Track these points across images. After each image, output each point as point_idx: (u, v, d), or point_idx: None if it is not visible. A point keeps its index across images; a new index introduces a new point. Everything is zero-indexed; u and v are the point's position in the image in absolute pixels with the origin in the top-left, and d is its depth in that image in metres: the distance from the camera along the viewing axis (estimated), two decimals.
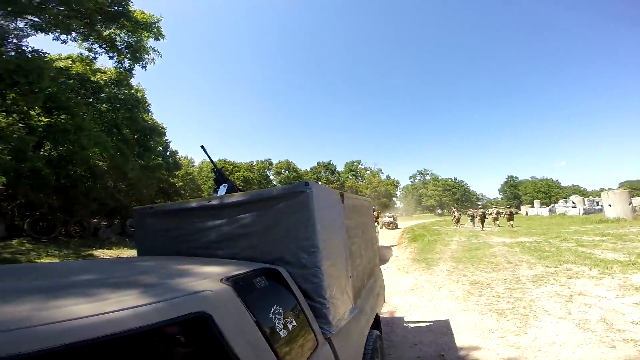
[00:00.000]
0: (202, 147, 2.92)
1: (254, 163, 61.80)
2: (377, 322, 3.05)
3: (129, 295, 1.02)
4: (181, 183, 28.98)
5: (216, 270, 1.49)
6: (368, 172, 71.33)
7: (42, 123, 7.56)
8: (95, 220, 19.57)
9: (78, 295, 0.96)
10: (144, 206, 2.60)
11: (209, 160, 2.89)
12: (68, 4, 7.00)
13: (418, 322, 4.69)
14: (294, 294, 1.71)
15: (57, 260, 9.49)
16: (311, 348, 1.61)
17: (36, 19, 7.05)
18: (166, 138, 24.20)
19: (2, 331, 0.72)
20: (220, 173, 2.71)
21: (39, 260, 9.34)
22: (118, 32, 8.94)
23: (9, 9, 6.11)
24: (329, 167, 65.96)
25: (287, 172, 62.85)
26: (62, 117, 7.22)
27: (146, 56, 9.69)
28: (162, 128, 23.22)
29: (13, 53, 5.61)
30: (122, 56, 9.39)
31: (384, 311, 5.13)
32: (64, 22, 6.98)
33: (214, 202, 2.15)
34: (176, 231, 2.30)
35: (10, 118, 7.44)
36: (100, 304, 0.91)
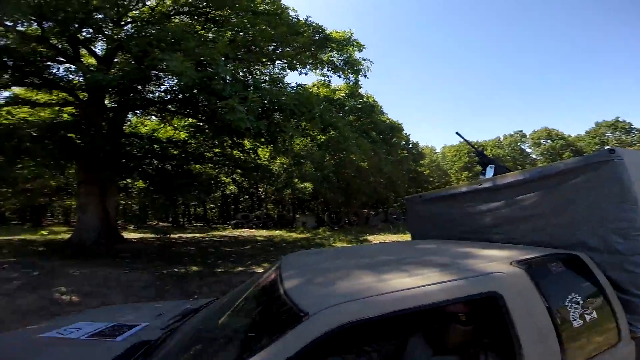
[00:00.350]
0: (457, 133, 2.93)
1: (501, 138, 53.55)
2: None
3: (432, 272, 1.21)
4: (428, 170, 30.13)
5: (502, 253, 1.45)
6: None
7: (322, 140, 10.21)
8: (365, 210, 24.20)
9: (395, 271, 1.25)
10: (413, 195, 2.87)
11: (465, 143, 2.83)
12: (296, 45, 9.32)
13: None
14: (599, 284, 1.47)
15: (346, 245, 12.41)
16: (608, 344, 1.41)
17: (284, 62, 9.77)
18: (405, 132, 26.26)
19: (353, 300, 1.02)
20: (483, 155, 2.58)
21: (335, 245, 12.56)
22: (331, 54, 10.89)
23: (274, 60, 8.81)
24: (617, 126, 45.24)
25: (548, 141, 49.45)
26: (332, 132, 9.39)
27: (361, 67, 11.09)
28: (399, 124, 25.53)
29: (289, 91, 7.76)
30: (346, 73, 11.20)
31: None
32: (300, 59, 9.21)
33: (486, 184, 2.06)
34: (445, 216, 2.38)
35: (305, 140, 10.58)
36: (414, 279, 1.14)
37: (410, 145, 27.42)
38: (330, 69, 10.99)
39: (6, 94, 10.20)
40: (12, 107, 10.31)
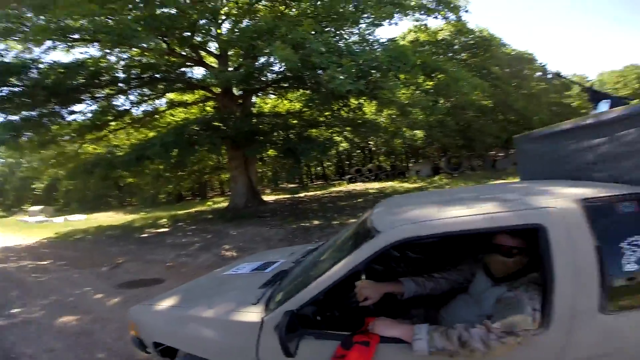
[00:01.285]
0: (557, 74, 2.59)
1: None
2: None
3: (489, 205, 1.41)
4: (579, 101, 24.27)
5: (580, 191, 1.45)
6: None
7: (429, 85, 9.63)
8: (492, 153, 21.68)
9: (458, 205, 1.50)
10: (522, 134, 2.71)
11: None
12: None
13: None
14: None
15: None
16: None
17: (369, 19, 9.23)
18: (540, 63, 22.02)
19: (412, 223, 1.38)
20: (593, 91, 2.31)
21: None
22: None
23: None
24: None
25: None
26: (439, 76, 8.75)
27: (459, 3, 9.95)
28: (529, 54, 21.87)
29: (380, 50, 7.53)
30: (442, 12, 10.01)
31: None
32: (385, 11, 8.50)
33: (589, 120, 1.92)
34: (550, 154, 2.27)
35: (411, 89, 10.18)
36: (470, 210, 1.38)
37: (549, 76, 22.65)
38: (422, 12, 10.09)
39: (163, 100, 13.66)
40: (172, 110, 13.69)
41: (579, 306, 1.25)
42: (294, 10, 9.97)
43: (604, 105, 2.19)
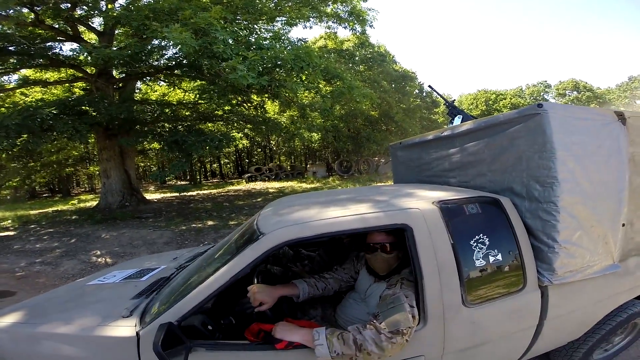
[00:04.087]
0: (429, 86, 3.08)
1: (524, 88, 50.65)
2: None
3: (364, 206, 1.52)
4: (442, 118, 29.59)
5: (437, 194, 1.68)
6: None
7: (327, 91, 10.23)
8: (376, 158, 24.44)
9: (339, 206, 1.57)
10: (395, 142, 3.07)
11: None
12: (294, 1, 8.99)
13: None
14: (511, 227, 1.56)
15: None
16: (513, 289, 1.49)
17: (284, 19, 9.56)
18: (419, 81, 25.86)
19: (294, 224, 1.40)
20: (452, 105, 2.78)
21: None
22: (335, 6, 10.53)
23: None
24: None
25: (574, 92, 46.41)
26: (338, 83, 9.35)
27: (367, 17, 10.81)
28: (412, 73, 25.12)
29: (289, 47, 7.74)
30: (351, 23, 10.93)
31: None
32: (302, 14, 8.97)
33: (446, 132, 2.25)
34: (418, 161, 2.63)
35: (311, 93, 10.60)
36: (348, 211, 1.47)
37: (424, 94, 26.90)
38: (335, 21, 10.72)
39: (15, 77, 10.74)
40: (25, 89, 10.81)
41: (446, 301, 1.35)
42: None
43: (457, 120, 2.63)
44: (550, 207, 1.54)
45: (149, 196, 14.07)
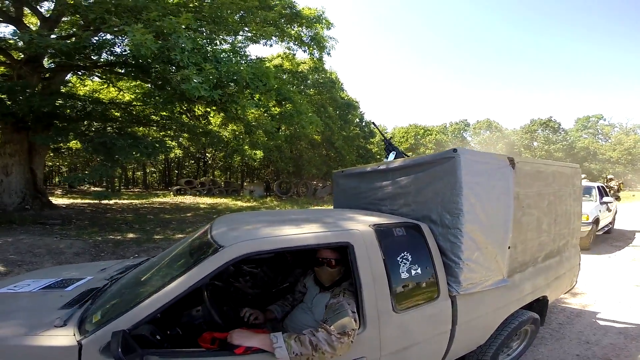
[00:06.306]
0: (372, 122, 3.50)
1: (448, 125, 57.83)
2: (542, 305, 2.71)
3: (313, 226, 1.73)
4: (376, 149, 31.77)
5: (372, 219, 1.99)
6: (616, 129, 51.03)
7: (277, 112, 10.43)
8: (314, 182, 25.07)
9: (290, 225, 1.76)
10: (338, 170, 3.35)
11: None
12: (263, 18, 9.42)
13: (613, 321, 3.53)
14: (427, 248, 1.89)
15: None
16: (430, 298, 1.81)
17: (249, 34, 9.78)
18: (360, 110, 27.31)
19: (254, 239, 1.54)
20: (389, 142, 3.18)
21: None
22: (300, 29, 11.01)
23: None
24: (549, 125, 51.26)
25: (487, 132, 54.87)
26: (288, 105, 9.62)
27: (327, 44, 11.47)
28: (356, 102, 26.63)
29: (245, 64, 7.88)
30: (311, 48, 11.47)
31: (577, 302, 4.14)
32: (266, 31, 9.30)
33: (382, 166, 2.61)
34: (357, 189, 2.93)
35: (259, 111, 10.69)
36: (299, 230, 1.67)
37: (364, 123, 28.71)
38: (296, 43, 11.07)
39: None
40: None
41: (380, 307, 1.58)
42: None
43: (391, 156, 3.02)
44: (456, 232, 1.91)
45: (55, 200, 12.29)
